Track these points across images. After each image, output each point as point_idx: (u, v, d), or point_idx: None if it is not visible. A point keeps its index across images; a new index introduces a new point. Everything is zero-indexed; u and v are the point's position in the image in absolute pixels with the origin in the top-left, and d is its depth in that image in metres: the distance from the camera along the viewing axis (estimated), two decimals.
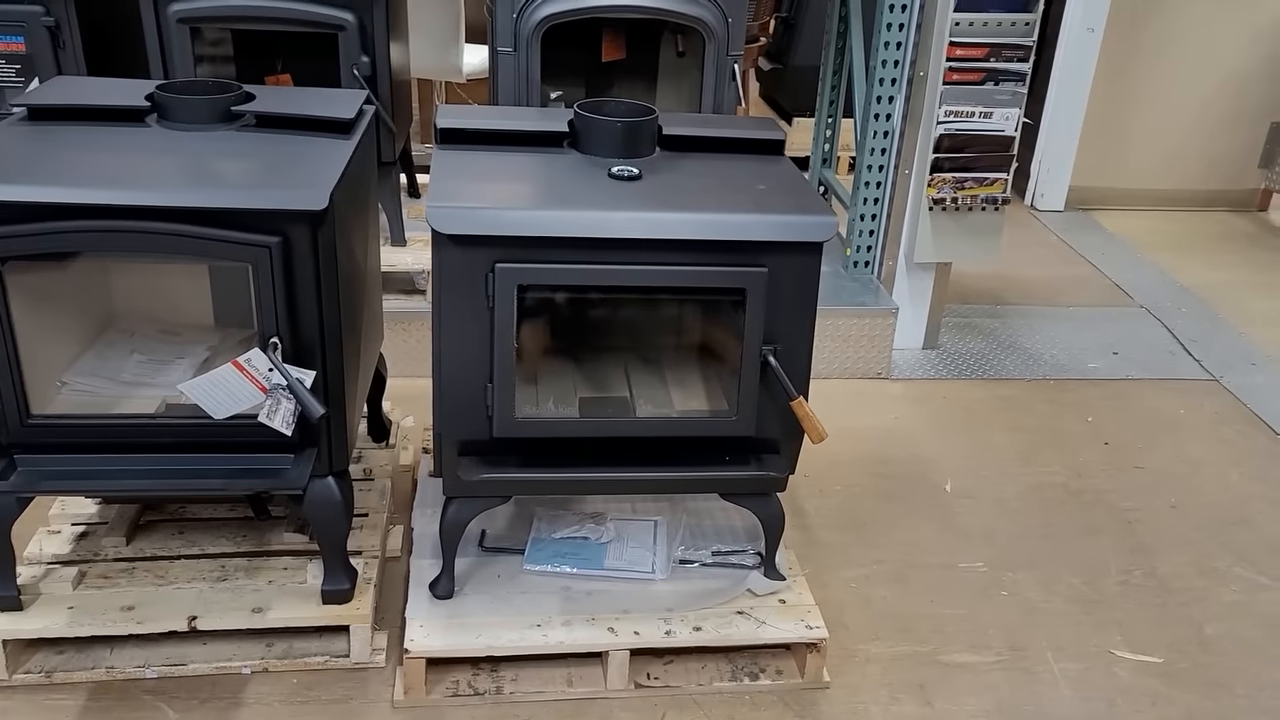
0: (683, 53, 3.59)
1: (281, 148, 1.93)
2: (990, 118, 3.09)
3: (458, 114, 2.17)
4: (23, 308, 1.78)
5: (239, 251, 1.74)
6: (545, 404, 2.14)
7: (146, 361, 2.18)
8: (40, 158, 1.81)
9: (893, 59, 3.20)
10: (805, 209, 1.90)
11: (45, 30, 2.78)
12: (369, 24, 2.86)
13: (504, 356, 1.86)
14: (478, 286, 1.83)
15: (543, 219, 1.80)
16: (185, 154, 1.88)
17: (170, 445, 1.88)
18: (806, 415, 1.91)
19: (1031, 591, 2.41)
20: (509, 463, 1.96)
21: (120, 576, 2.07)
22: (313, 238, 1.77)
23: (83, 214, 1.67)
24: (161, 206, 1.68)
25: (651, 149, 2.10)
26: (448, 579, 2.08)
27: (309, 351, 1.85)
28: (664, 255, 1.84)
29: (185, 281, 2.30)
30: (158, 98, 2.00)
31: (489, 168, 2.00)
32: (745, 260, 1.86)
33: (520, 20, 2.93)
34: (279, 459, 1.91)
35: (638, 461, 2.00)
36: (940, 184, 3.17)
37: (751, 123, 2.31)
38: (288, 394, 1.81)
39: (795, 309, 1.92)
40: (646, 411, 2.17)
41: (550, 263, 1.83)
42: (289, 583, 2.09)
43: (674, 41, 3.58)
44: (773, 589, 2.14)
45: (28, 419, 1.81)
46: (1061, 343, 3.61)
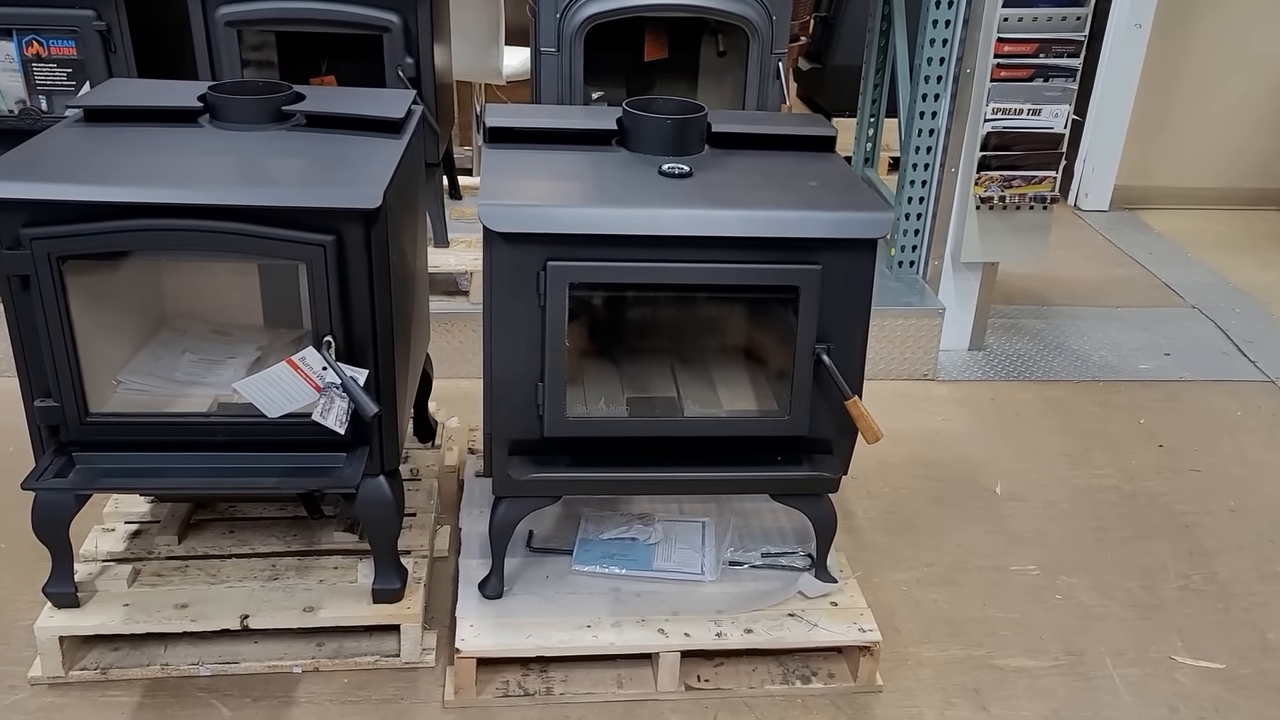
0: (724, 52, 3.57)
1: (332, 147, 1.94)
2: (1039, 115, 3.05)
3: (506, 113, 2.17)
4: (81, 307, 1.80)
5: (294, 250, 1.74)
6: (593, 404, 2.13)
7: (198, 360, 2.20)
8: (98, 158, 1.82)
9: (938, 56, 3.17)
10: (859, 205, 1.87)
11: (97, 34, 2.82)
12: (413, 25, 2.87)
13: (555, 355, 1.85)
14: (529, 285, 1.82)
15: (594, 216, 1.79)
16: (238, 153, 1.88)
17: (224, 444, 1.89)
18: (862, 415, 1.88)
19: (1086, 596, 2.36)
20: (559, 463, 1.95)
21: (173, 574, 2.08)
22: (366, 236, 1.77)
23: (140, 213, 1.68)
24: (218, 205, 1.69)
25: (700, 146, 2.09)
26: (497, 579, 2.07)
27: (361, 350, 1.85)
28: (716, 253, 1.82)
29: (235, 281, 2.32)
30: (210, 98, 2.02)
31: (539, 166, 1.99)
32: (798, 257, 1.84)
33: (563, 20, 2.92)
34: (331, 458, 1.91)
35: (688, 461, 1.98)
36: (987, 182, 3.13)
37: (801, 119, 2.28)
38: (341, 392, 1.81)
39: (849, 306, 1.90)
40: (695, 411, 2.15)
41: (602, 260, 1.82)
42: (339, 582, 2.09)
43: (715, 40, 3.57)
44: (824, 591, 2.12)
45: (86, 417, 1.82)
46: (1110, 344, 3.55)
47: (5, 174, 1.69)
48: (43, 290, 1.71)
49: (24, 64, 2.88)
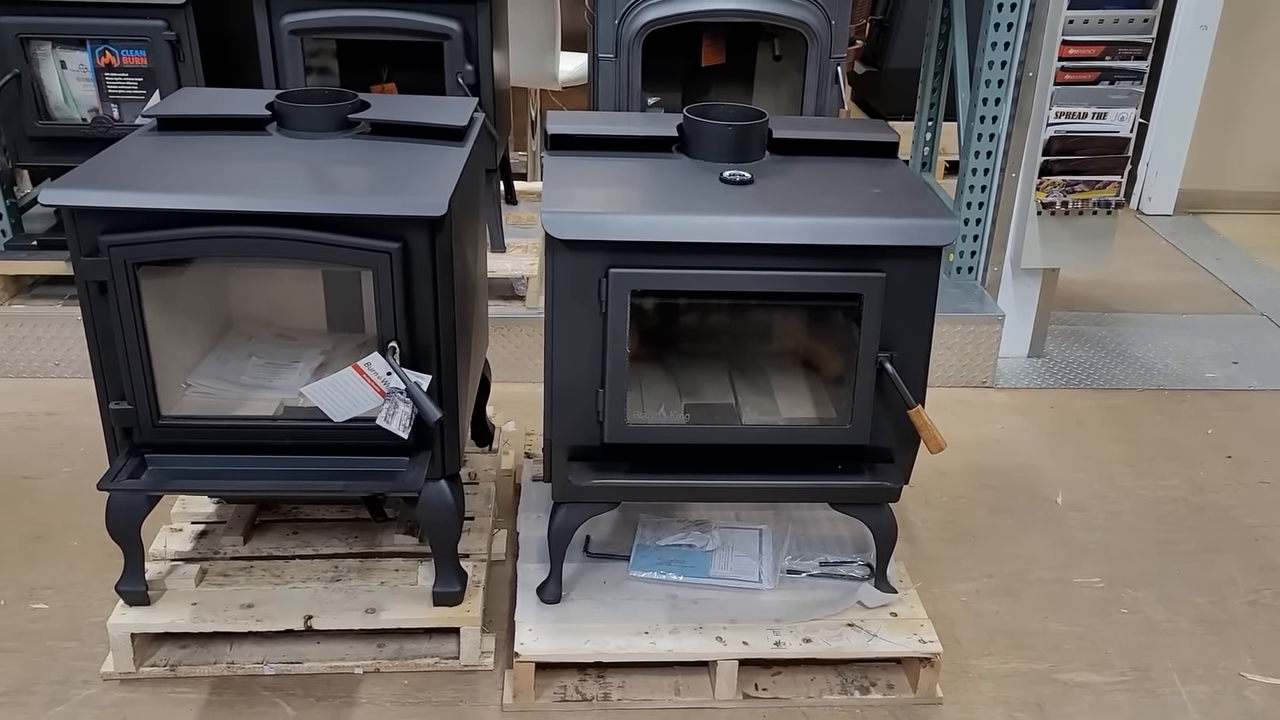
0: (780, 56, 3.56)
1: (397, 155, 1.96)
2: (1104, 118, 3.00)
3: (567, 120, 2.18)
4: (153, 311, 1.84)
5: (360, 257, 1.77)
6: (650, 410, 2.13)
7: (264, 365, 2.24)
8: (172, 167, 1.86)
9: (1000, 59, 3.13)
10: (924, 212, 1.86)
11: (167, 44, 2.88)
12: (473, 33, 2.90)
13: (616, 362, 1.86)
14: (591, 291, 1.83)
15: (657, 224, 1.79)
16: (306, 161, 1.92)
17: (290, 447, 1.92)
18: (925, 424, 1.87)
19: (1153, 610, 2.32)
20: (619, 469, 1.96)
21: (239, 574, 2.12)
22: (431, 244, 1.79)
23: (213, 220, 1.72)
24: (287, 213, 1.72)
25: (761, 153, 2.08)
26: (555, 584, 2.08)
27: (425, 356, 1.87)
28: (779, 260, 1.82)
29: (300, 286, 2.35)
30: (278, 107, 2.05)
31: (600, 173, 2.00)
32: (862, 265, 1.83)
33: (621, 26, 2.93)
34: (394, 462, 1.93)
35: (748, 469, 1.98)
36: (1049, 187, 3.08)
37: (862, 125, 2.27)
38: (405, 398, 1.84)
39: (913, 315, 1.88)
40: (753, 418, 2.14)
41: (664, 268, 1.82)
42: (400, 584, 2.11)
43: (771, 45, 3.56)
44: (884, 601, 2.10)
45: (159, 420, 1.86)
46: (1175, 351, 3.48)
47: (85, 183, 1.74)
48: (119, 296, 1.75)
49: (97, 73, 2.95)
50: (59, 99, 2.99)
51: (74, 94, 2.99)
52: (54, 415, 2.97)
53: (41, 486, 2.64)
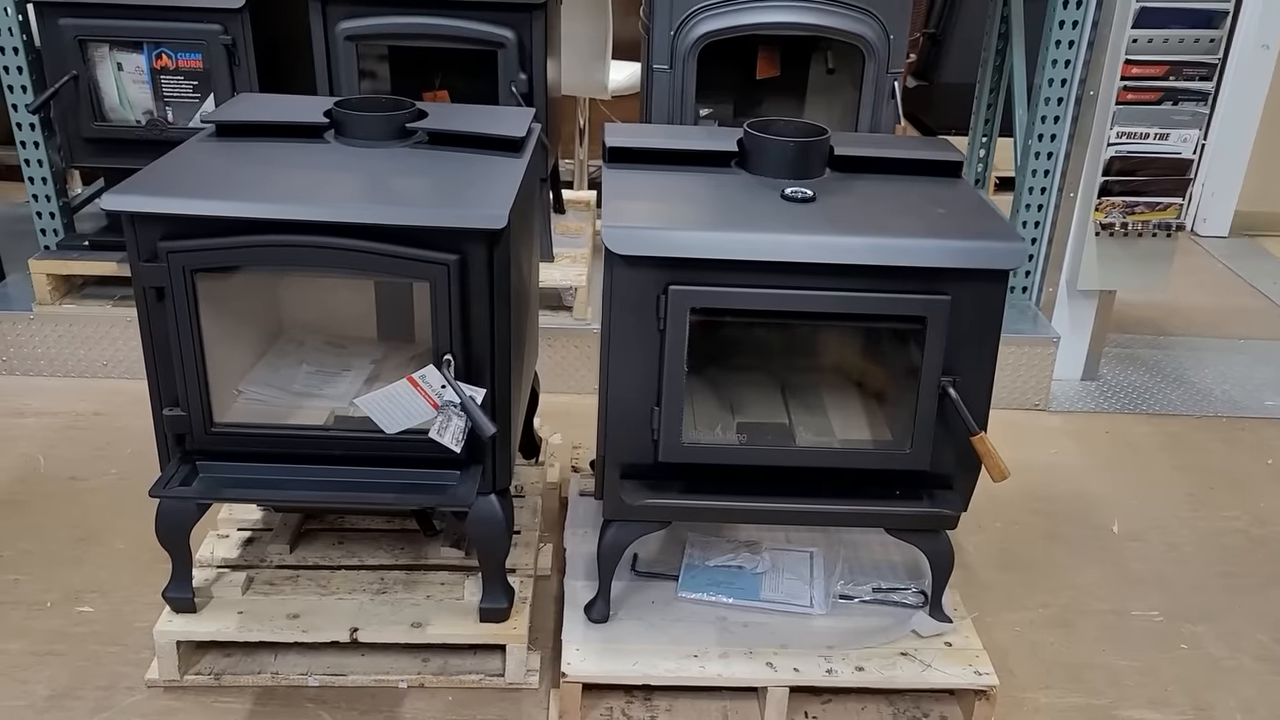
0: (833, 69, 3.52)
1: (455, 165, 1.95)
2: (1166, 139, 2.93)
3: (625, 133, 2.15)
4: (207, 318, 1.83)
5: (418, 269, 1.75)
6: (702, 427, 2.10)
7: (315, 373, 2.23)
8: (231, 174, 1.86)
9: (1060, 78, 3.07)
10: (991, 234, 1.81)
11: (223, 48, 2.89)
12: (528, 41, 2.88)
13: (674, 380, 1.83)
14: (649, 308, 1.80)
15: (718, 241, 1.76)
16: (364, 170, 1.90)
17: (342, 457, 1.90)
18: (989, 451, 1.82)
19: (1214, 646, 2.25)
20: (672, 488, 1.92)
21: (285, 584, 2.11)
22: (489, 256, 1.77)
23: (272, 229, 1.70)
24: (347, 223, 1.70)
25: (822, 170, 2.05)
26: (603, 603, 2.05)
27: (479, 369, 1.84)
28: (842, 280, 1.78)
29: (350, 294, 2.34)
30: (336, 115, 2.04)
31: (659, 187, 1.97)
32: (927, 287, 1.79)
33: (677, 38, 2.91)
34: (445, 475, 1.91)
35: (803, 491, 1.94)
36: (1109, 208, 3.01)
37: (926, 143, 2.23)
38: (459, 411, 1.81)
39: (977, 339, 1.84)
40: (808, 439, 2.10)
41: (724, 285, 1.79)
42: (446, 598, 2.09)
43: (824, 58, 3.52)
44: (939, 631, 2.05)
45: (211, 427, 1.85)
46: (1234, 377, 3.40)
47: (145, 188, 1.73)
48: (176, 302, 1.75)
49: (152, 76, 2.97)
50: (114, 101, 3.01)
51: (129, 96, 3.00)
52: (101, 416, 2.98)
53: (88, 488, 2.65)
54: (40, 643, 2.12)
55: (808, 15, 2.88)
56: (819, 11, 2.88)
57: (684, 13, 2.88)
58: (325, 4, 2.84)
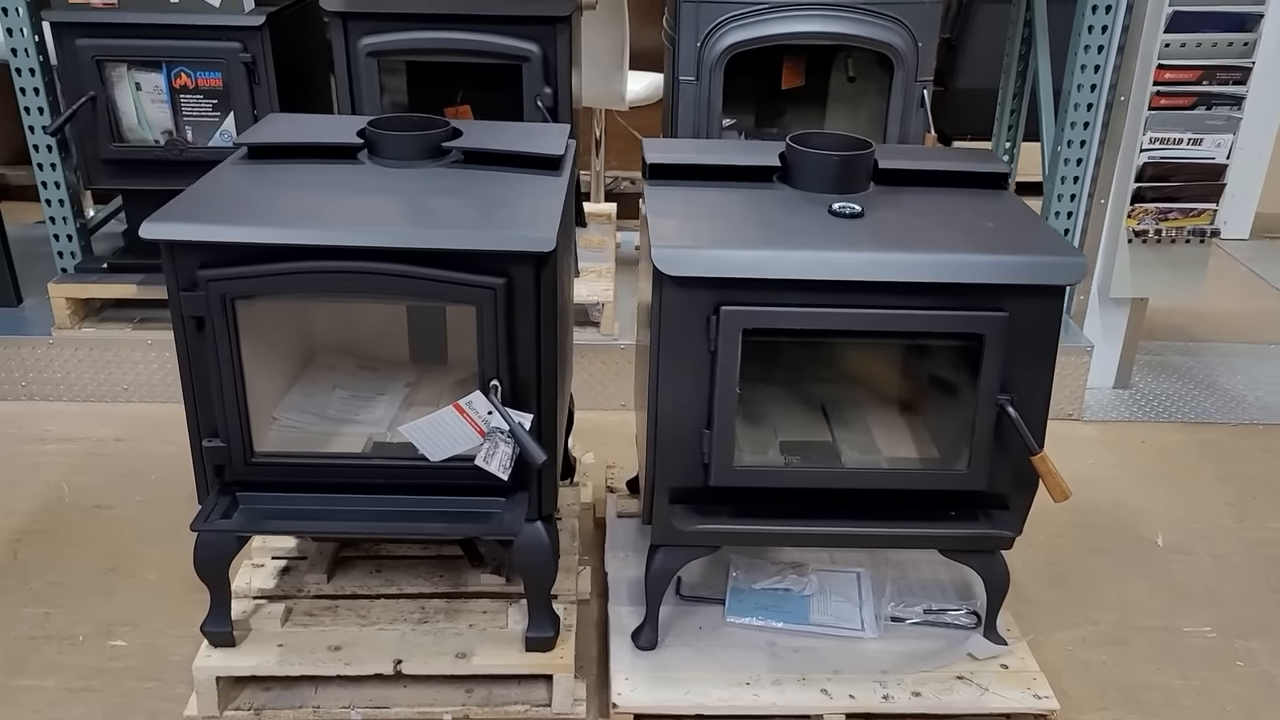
0: (854, 77, 3.48)
1: (495, 185, 1.91)
2: (1200, 144, 2.90)
3: (665, 148, 2.12)
4: (244, 344, 1.78)
5: (464, 293, 1.71)
6: (744, 447, 2.05)
7: (349, 398, 2.18)
8: (268, 198, 1.82)
9: (1089, 83, 3.03)
10: (1048, 248, 1.77)
11: (243, 66, 2.85)
12: (552, 55, 2.84)
13: (725, 402, 1.78)
14: (699, 329, 1.76)
15: (772, 260, 1.72)
16: (403, 192, 1.86)
17: (384, 486, 1.86)
18: (1050, 471, 1.78)
19: (1271, 663, 2.20)
20: (723, 512, 1.88)
21: (324, 614, 2.06)
22: (536, 279, 1.73)
23: (315, 255, 1.66)
24: (392, 248, 1.66)
25: (867, 184, 2.01)
26: (651, 629, 2.00)
27: (525, 394, 1.80)
28: (897, 298, 1.74)
29: (381, 316, 2.30)
30: (370, 135, 2.00)
31: (704, 205, 1.93)
32: (984, 304, 1.75)
33: (704, 49, 2.87)
34: (490, 502, 1.87)
35: (855, 512, 1.90)
36: (1142, 215, 2.98)
37: (969, 155, 2.19)
38: (506, 438, 1.77)
39: (1034, 356, 1.79)
40: (854, 458, 2.06)
41: (777, 305, 1.75)
42: (489, 627, 2.04)
43: (845, 66, 3.48)
44: (994, 653, 2.00)
45: (252, 457, 1.81)
46: (1268, 383, 3.36)
47: (183, 216, 1.69)
48: (216, 331, 1.70)
49: (171, 95, 2.93)
50: (133, 121, 2.97)
51: (148, 116, 2.96)
52: (123, 441, 2.93)
53: (114, 516, 2.60)
54: (75, 678, 2.08)
55: (837, 24, 2.85)
56: (848, 20, 2.85)
57: (710, 23, 2.85)
58: (347, 20, 2.80)
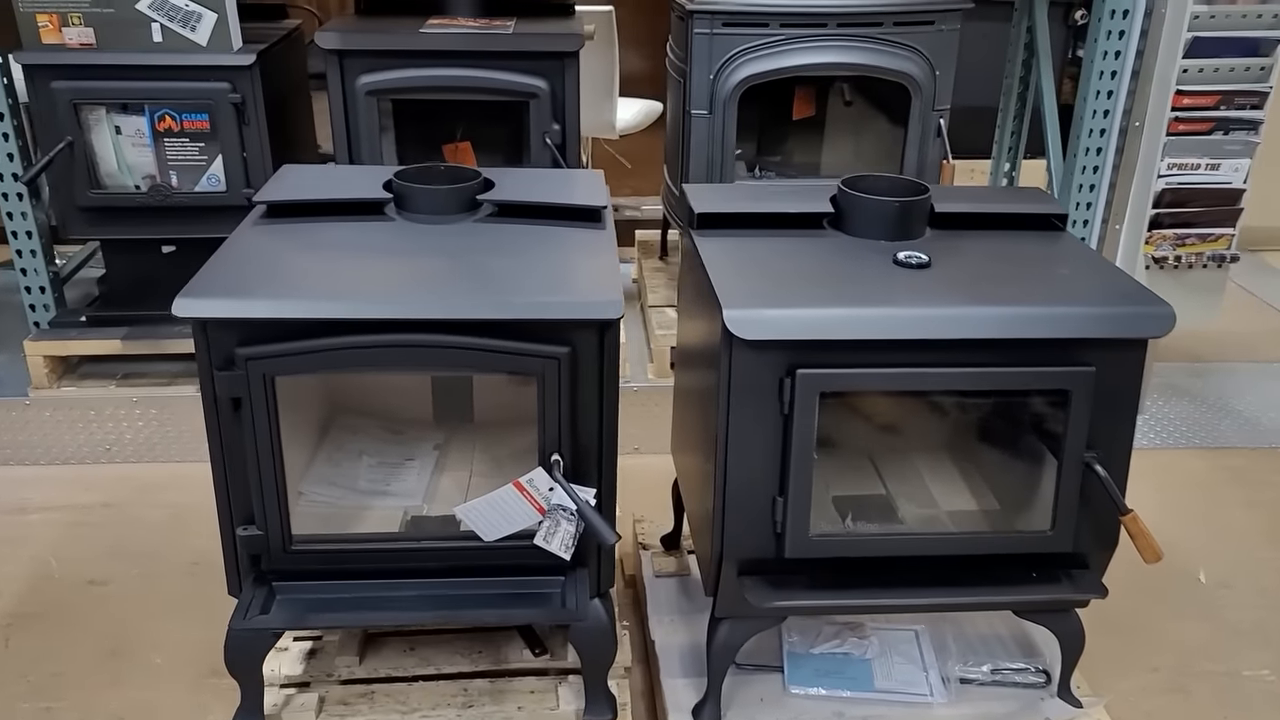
0: (850, 101, 3.42)
1: (541, 242, 1.79)
2: (1218, 169, 2.87)
3: (710, 196, 2.02)
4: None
5: (526, 364, 1.59)
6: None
7: (377, 465, 2.05)
8: (302, 264, 1.68)
9: (1103, 108, 2.99)
10: (1134, 298, 1.70)
11: (231, 107, 2.69)
12: (560, 91, 2.73)
13: (801, 469, 1.68)
14: (771, 393, 1.66)
15: (849, 319, 1.63)
16: (444, 253, 1.73)
17: (433, 570, 1.73)
18: (1141, 532, 1.70)
19: None
20: (796, 583, 1.77)
21: (360, 702, 1.92)
22: (600, 346, 1.61)
23: (363, 329, 1.53)
24: (451, 320, 1.53)
25: (923, 229, 1.93)
26: (714, 705, 1.89)
27: (587, 467, 1.69)
28: (981, 354, 1.65)
29: (403, 375, 2.17)
30: (399, 188, 1.87)
31: (762, 257, 1.83)
32: (1069, 357, 1.67)
33: (717, 81, 2.78)
34: (546, 582, 1.75)
35: (931, 577, 1.80)
36: (1159, 241, 2.94)
37: (1022, 195, 2.12)
38: (569, 515, 1.65)
39: (1117, 410, 1.72)
40: (910, 511, 1.98)
41: (854, 366, 1.65)
42: (539, 709, 1.91)
43: (841, 91, 3.42)
44: (1070, 715, 1.92)
45: (291, 545, 1.66)
46: (1279, 404, 3.35)
47: (217, 290, 1.55)
48: (255, 413, 1.56)
49: (154, 138, 2.76)
50: (111, 166, 2.80)
51: (128, 161, 2.79)
52: (110, 507, 2.75)
53: (110, 593, 2.42)
54: None
55: (853, 55, 2.78)
56: (864, 50, 2.78)
57: (724, 55, 2.76)
58: (343, 58, 2.66)
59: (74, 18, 2.65)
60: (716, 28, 2.72)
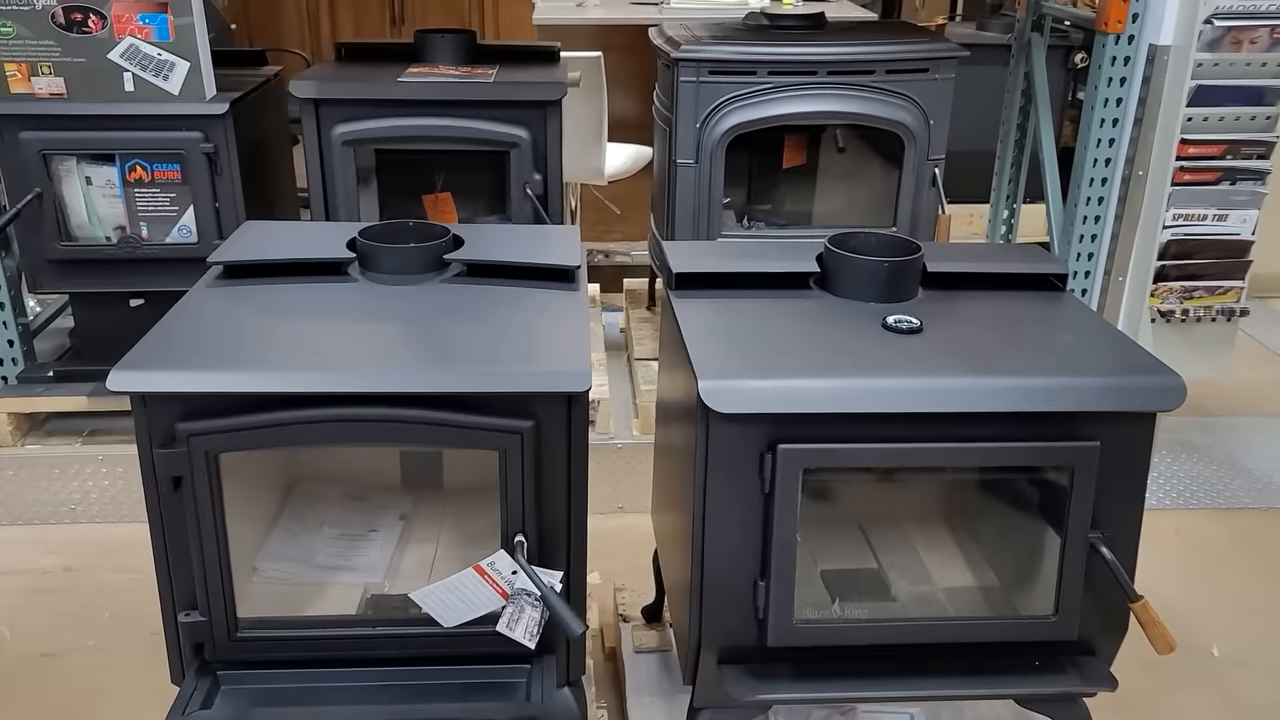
0: (843, 148, 3.34)
1: (509, 305, 1.69)
2: (1225, 220, 2.78)
3: (688, 254, 1.92)
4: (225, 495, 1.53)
5: (487, 439, 1.48)
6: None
7: (338, 536, 1.93)
8: (254, 332, 1.58)
9: (1104, 157, 2.90)
10: (1142, 368, 1.60)
11: (204, 157, 2.61)
12: (542, 140, 2.65)
13: (784, 552, 1.57)
14: (751, 469, 1.55)
15: (835, 391, 1.52)
16: (406, 319, 1.63)
17: (390, 658, 1.61)
18: (1153, 620, 1.58)
19: None
20: (780, 673, 1.65)
21: None
22: (567, 419, 1.51)
23: (315, 402, 1.42)
24: (405, 393, 1.43)
25: (915, 290, 1.82)
26: None
27: (554, 548, 1.57)
28: (978, 428, 1.54)
29: None
30: (363, 247, 1.78)
31: (742, 320, 1.72)
32: (1074, 432, 1.56)
33: (704, 130, 2.70)
34: (512, 671, 1.63)
35: (927, 665, 1.68)
36: (1165, 294, 2.84)
37: (1019, 252, 2.02)
38: (534, 601, 1.53)
39: (1124, 487, 1.61)
40: (903, 587, 1.86)
41: (840, 441, 1.54)
42: None
43: (835, 138, 3.34)
44: None
45: (237, 632, 1.55)
46: None
47: (157, 361, 1.44)
48: (197, 492, 1.45)
49: (125, 189, 2.67)
50: (82, 218, 2.71)
51: (99, 212, 2.71)
52: (72, 571, 2.63)
53: (64, 666, 2.30)
54: None
55: (845, 103, 2.70)
56: (856, 99, 2.70)
57: (711, 104, 2.68)
58: (319, 107, 2.58)
59: (44, 67, 2.58)
60: (703, 76, 2.64)
